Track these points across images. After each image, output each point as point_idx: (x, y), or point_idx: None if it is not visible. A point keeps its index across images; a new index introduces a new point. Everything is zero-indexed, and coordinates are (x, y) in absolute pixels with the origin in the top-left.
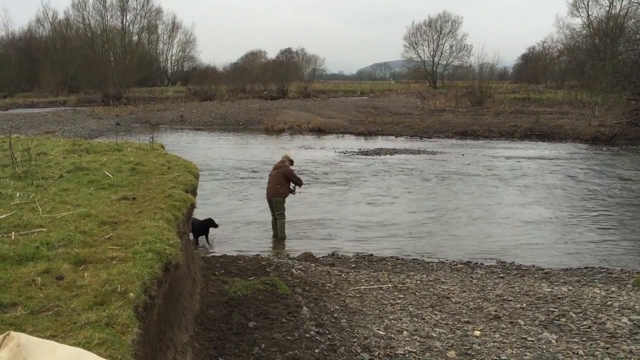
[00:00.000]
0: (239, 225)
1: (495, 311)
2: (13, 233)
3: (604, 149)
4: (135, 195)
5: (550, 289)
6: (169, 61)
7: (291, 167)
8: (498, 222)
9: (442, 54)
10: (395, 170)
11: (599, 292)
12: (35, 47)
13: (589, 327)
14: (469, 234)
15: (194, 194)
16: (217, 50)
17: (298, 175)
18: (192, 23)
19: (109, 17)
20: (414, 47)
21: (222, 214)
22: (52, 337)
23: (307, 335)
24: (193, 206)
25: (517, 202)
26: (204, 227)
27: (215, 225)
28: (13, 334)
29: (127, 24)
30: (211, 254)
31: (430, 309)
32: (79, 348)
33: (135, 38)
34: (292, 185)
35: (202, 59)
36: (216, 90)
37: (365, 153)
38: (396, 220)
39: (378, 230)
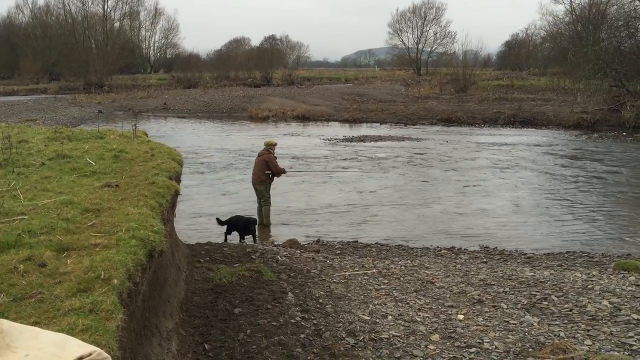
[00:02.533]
0: (224, 212)
1: (479, 295)
2: None
3: (585, 135)
4: (118, 183)
5: (532, 273)
6: (151, 48)
7: (274, 151)
8: (481, 208)
9: (426, 40)
10: (380, 157)
11: (580, 275)
12: (14, 34)
13: (570, 310)
14: (452, 220)
15: (178, 181)
16: (201, 37)
17: (280, 166)
18: (174, 9)
19: (89, 3)
20: (398, 34)
21: (207, 201)
22: (35, 324)
23: (293, 320)
24: (177, 193)
25: (500, 188)
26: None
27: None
28: None
29: (108, 10)
30: (196, 242)
31: (415, 293)
32: (63, 334)
33: (117, 25)
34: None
35: (185, 46)
36: (200, 77)
37: (350, 140)
38: (381, 207)
39: (363, 217)
